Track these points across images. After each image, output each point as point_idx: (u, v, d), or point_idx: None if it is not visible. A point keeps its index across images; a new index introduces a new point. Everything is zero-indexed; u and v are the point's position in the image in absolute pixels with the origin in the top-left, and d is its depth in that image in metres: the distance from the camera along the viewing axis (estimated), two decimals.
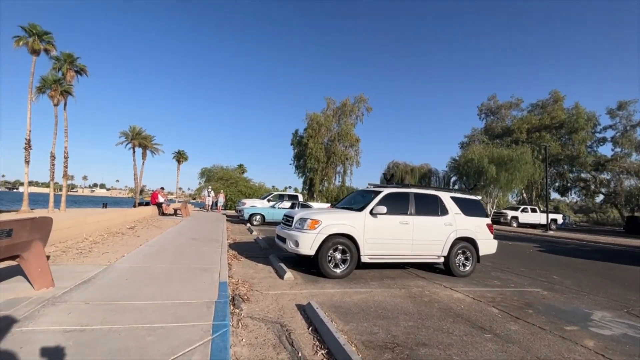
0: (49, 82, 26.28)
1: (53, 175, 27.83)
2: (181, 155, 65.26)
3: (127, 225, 9.98)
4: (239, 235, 10.70)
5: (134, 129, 48.18)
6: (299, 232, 5.66)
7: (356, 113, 36.65)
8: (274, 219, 14.50)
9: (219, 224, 13.06)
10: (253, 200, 17.91)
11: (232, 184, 30.14)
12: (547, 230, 20.51)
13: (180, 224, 11.84)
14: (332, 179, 36.36)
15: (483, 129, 40.67)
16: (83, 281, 3.99)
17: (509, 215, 25.29)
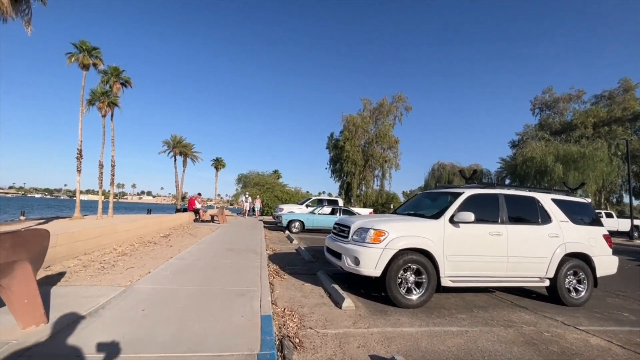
0: (97, 94, 27.62)
1: (101, 183, 29.10)
2: (219, 162, 67.18)
3: (162, 233, 9.37)
4: (279, 244, 9.67)
5: (175, 137, 50.11)
6: (359, 247, 4.40)
7: (394, 113, 34.83)
8: (314, 225, 13.37)
9: (256, 231, 12.18)
10: (290, 205, 16.98)
11: (268, 190, 29.67)
12: (632, 239, 17.33)
13: (217, 231, 11.09)
14: (370, 183, 34.74)
15: (537, 125, 36.81)
16: (88, 312, 3.05)
17: None
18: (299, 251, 8.26)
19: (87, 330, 2.68)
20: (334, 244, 5.09)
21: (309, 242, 10.56)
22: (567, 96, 36.34)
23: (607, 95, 33.91)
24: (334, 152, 35.38)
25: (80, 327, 2.74)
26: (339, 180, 36.28)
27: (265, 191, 29.87)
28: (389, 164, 34.53)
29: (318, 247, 9.18)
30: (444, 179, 24.06)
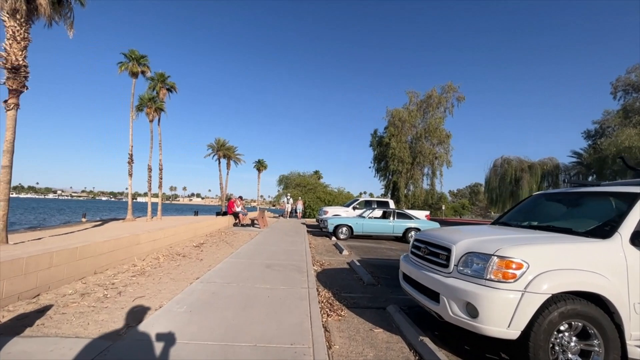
0: (145, 100, 28.53)
1: (150, 186, 30.10)
2: (261, 164, 67.98)
3: (195, 242, 8.33)
4: (326, 255, 8.14)
5: (218, 141, 51.31)
6: (475, 286, 2.64)
7: (444, 105, 31.74)
8: (364, 231, 11.66)
9: (299, 237, 10.79)
10: (335, 208, 15.46)
11: (309, 190, 28.51)
12: None
13: (256, 238, 9.88)
14: (419, 182, 32.00)
15: (620, 110, 31.28)
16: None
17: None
18: (352, 267, 6.64)
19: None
20: (419, 273, 3.36)
21: (362, 252, 8.90)
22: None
23: None
24: (379, 150, 33.23)
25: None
26: (384, 180, 34.05)
27: (306, 192, 28.73)
28: (439, 161, 31.55)
29: (375, 261, 7.48)
30: (509, 175, 20.84)
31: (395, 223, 11.75)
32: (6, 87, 10.78)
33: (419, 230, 11.80)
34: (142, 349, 2.52)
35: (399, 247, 10.65)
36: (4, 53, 10.64)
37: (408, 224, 11.80)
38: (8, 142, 10.71)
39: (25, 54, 11.03)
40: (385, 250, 9.72)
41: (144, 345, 2.57)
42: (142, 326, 2.94)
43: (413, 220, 11.93)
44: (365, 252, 8.89)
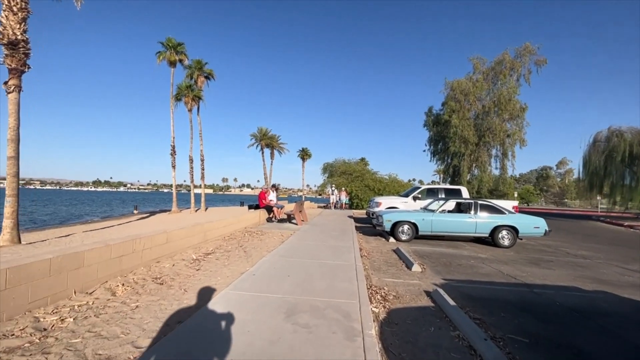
0: (183, 89, 27.71)
1: (192, 177, 29.61)
2: (305, 153, 66.46)
3: (202, 250, 6.06)
4: (387, 273, 5.34)
5: (261, 130, 50.39)
6: None
7: (519, 71, 26.30)
8: (434, 230, 8.57)
9: (345, 241, 8.10)
10: (390, 198, 12.42)
11: (356, 178, 25.57)
12: None
13: (287, 242, 7.40)
14: (486, 165, 27.22)
15: None
16: None
17: None
18: (440, 305, 3.74)
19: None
20: None
21: (440, 265, 5.92)
22: None
23: None
24: (435, 130, 28.96)
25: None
26: (442, 164, 29.77)
27: (353, 180, 25.83)
28: (511, 140, 26.41)
29: (472, 288, 4.47)
30: (620, 151, 15.68)
31: (479, 219, 8.45)
32: (5, 66, 9.41)
33: (514, 229, 8.37)
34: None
35: (488, 253, 7.43)
36: (0, 27, 9.24)
37: (497, 220, 8.42)
38: (12, 130, 9.37)
39: (24, 28, 9.54)
40: (473, 261, 6.60)
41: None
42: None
43: (505, 216, 8.50)
44: (445, 267, 5.89)
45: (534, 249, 8.55)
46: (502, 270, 5.82)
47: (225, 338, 2.52)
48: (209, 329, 2.67)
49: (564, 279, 5.38)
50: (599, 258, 7.58)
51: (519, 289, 4.62)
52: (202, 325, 2.73)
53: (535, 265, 6.39)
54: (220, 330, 2.66)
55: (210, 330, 2.65)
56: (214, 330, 2.66)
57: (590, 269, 6.33)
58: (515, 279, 5.20)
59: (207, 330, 2.66)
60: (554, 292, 4.54)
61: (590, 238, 11.47)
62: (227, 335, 2.57)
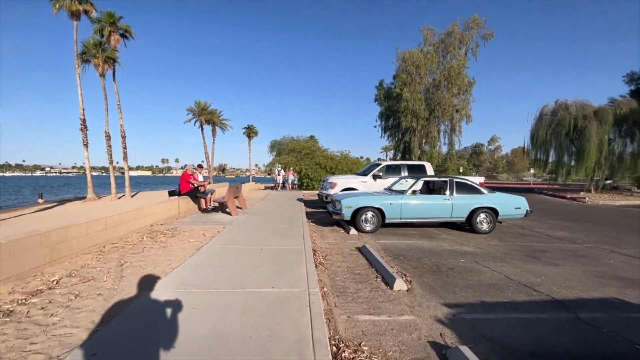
0: (90, 46, 22.32)
1: (111, 158, 24.76)
2: (251, 130, 62.25)
3: (34, 284, 3.46)
4: (356, 299, 3.39)
5: (199, 104, 45.20)
6: None
7: (467, 44, 25.92)
8: (405, 217, 6.89)
9: (293, 238, 6.01)
10: (346, 177, 10.56)
11: (306, 156, 23.47)
12: None
13: (206, 248, 5.07)
14: (436, 141, 27.00)
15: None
16: None
17: None
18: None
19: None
20: None
21: (427, 270, 4.14)
22: None
23: None
24: (387, 104, 27.80)
25: None
26: (393, 140, 29.01)
27: (302, 158, 23.72)
28: (460, 115, 26.36)
29: (494, 319, 2.65)
30: (566, 124, 15.78)
31: (455, 201, 6.95)
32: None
33: (494, 211, 7.04)
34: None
35: (471, 244, 5.95)
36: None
37: (475, 201, 7.01)
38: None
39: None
40: (463, 260, 4.99)
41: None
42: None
43: (483, 196, 7.12)
44: (436, 277, 4.13)
45: (512, 232, 7.39)
46: (507, 273, 4.26)
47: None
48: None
49: (586, 282, 3.97)
50: (584, 241, 6.62)
51: (560, 317, 2.99)
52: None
53: (536, 260, 5.00)
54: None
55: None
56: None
57: (593, 259, 5.15)
58: (537, 291, 3.62)
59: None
60: (607, 317, 3.00)
61: (549, 214, 10.99)
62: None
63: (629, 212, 11.90)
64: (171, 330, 2.33)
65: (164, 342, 2.15)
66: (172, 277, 3.47)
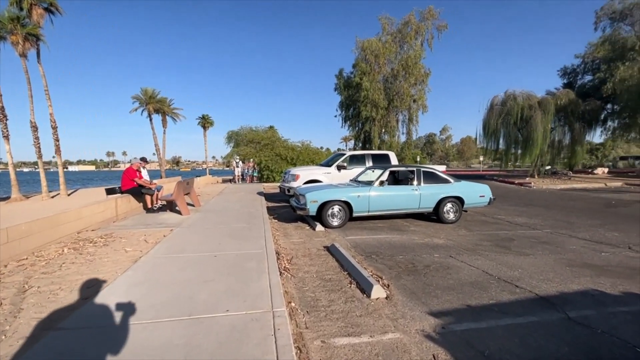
0: (5, 21, 19.05)
1: (40, 151, 21.73)
2: (206, 120, 58.92)
3: None
4: (330, 314, 2.89)
5: (146, 91, 41.57)
6: None
7: (423, 35, 26.36)
8: (373, 209, 6.54)
9: (253, 241, 5.36)
10: (310, 169, 10.00)
11: (265, 147, 22.48)
12: None
13: (146, 259, 4.27)
14: (395, 130, 27.41)
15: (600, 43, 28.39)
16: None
17: None
18: None
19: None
20: None
21: (403, 270, 3.75)
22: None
23: None
24: (347, 93, 27.54)
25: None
26: (354, 129, 28.98)
27: (262, 149, 22.71)
28: (417, 105, 26.96)
29: (487, 329, 2.27)
30: (514, 114, 16.78)
31: (423, 191, 6.73)
32: None
33: (460, 200, 6.96)
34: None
35: (441, 235, 5.76)
36: None
37: (442, 190, 6.87)
38: None
39: None
40: (437, 254, 4.73)
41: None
42: None
43: (450, 185, 7.00)
44: (413, 277, 3.77)
45: (475, 220, 7.42)
46: (484, 268, 4.03)
47: None
48: None
49: (561, 273, 3.87)
50: (542, 226, 6.80)
51: (552, 318, 2.75)
52: None
53: (507, 250, 4.89)
54: None
55: None
56: None
57: (557, 245, 5.20)
58: (519, 287, 3.40)
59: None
60: (595, 314, 2.82)
61: (504, 199, 11.45)
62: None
63: (570, 195, 12.85)
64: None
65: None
66: (91, 307, 2.67)
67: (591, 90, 23.40)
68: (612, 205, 10.04)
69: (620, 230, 6.37)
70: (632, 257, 4.60)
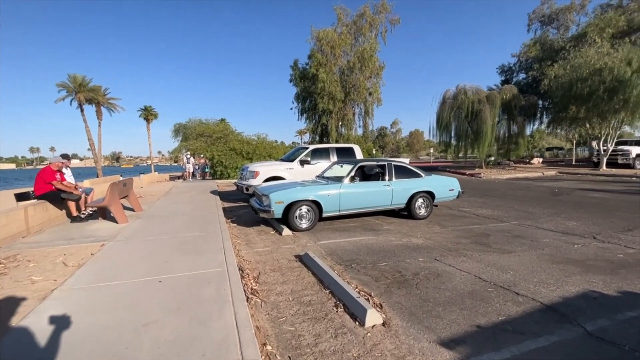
0: None
1: None
2: (149, 112, 54.05)
3: None
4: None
5: (75, 78, 36.65)
6: None
7: (377, 28, 26.47)
8: (344, 208, 5.99)
9: (208, 254, 4.50)
10: (270, 165, 9.14)
11: (218, 140, 20.90)
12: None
13: (53, 297, 3.19)
14: (352, 124, 27.34)
15: (538, 42, 31.12)
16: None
17: (631, 153, 17.51)
18: None
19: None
20: None
21: (392, 281, 3.22)
22: (567, 7, 30.77)
23: (615, 4, 28.90)
24: (303, 85, 26.71)
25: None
26: (311, 122, 28.35)
27: (214, 143, 21.10)
28: (372, 98, 27.14)
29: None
30: (465, 108, 17.57)
31: (396, 187, 6.35)
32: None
33: (431, 195, 6.72)
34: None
35: (417, 233, 5.41)
36: None
37: (414, 185, 6.57)
38: None
39: None
40: (421, 258, 4.31)
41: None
42: None
43: (421, 180, 6.72)
44: (405, 291, 3.27)
45: (444, 214, 7.27)
46: (474, 272, 3.69)
47: None
48: None
49: (551, 272, 3.67)
50: (507, 218, 6.85)
51: (572, 335, 2.40)
52: None
53: (487, 248, 4.66)
54: None
55: None
56: None
57: (532, 239, 5.13)
58: (520, 295, 3.06)
59: None
60: (610, 324, 2.55)
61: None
62: None
63: (518, 185, 13.66)
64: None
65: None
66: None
67: (525, 87, 25.47)
68: (556, 193, 10.73)
69: (575, 219, 6.61)
70: (603, 247, 4.63)
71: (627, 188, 11.53)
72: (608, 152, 17.40)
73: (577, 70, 15.47)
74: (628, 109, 15.04)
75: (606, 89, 14.52)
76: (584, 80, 15.00)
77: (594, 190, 11.05)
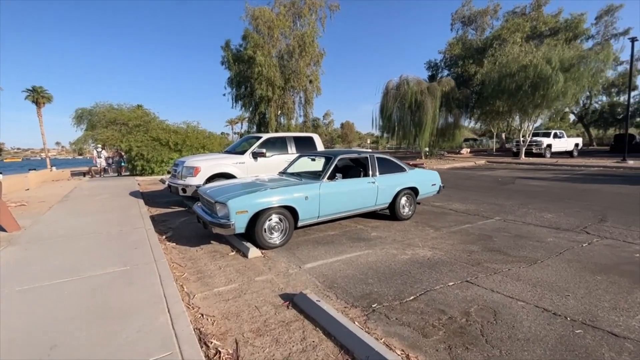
0: None
1: None
2: (39, 94, 44.62)
3: None
4: None
5: None
6: None
7: (317, 12, 25.27)
8: (324, 214, 4.71)
9: (136, 301, 2.78)
10: (213, 158, 7.18)
11: (136, 129, 17.45)
12: (625, 160, 15.24)
13: None
14: (292, 113, 25.88)
15: (460, 41, 33.71)
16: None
17: (544, 144, 19.79)
18: None
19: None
20: None
21: (455, 335, 2.11)
22: (483, 11, 33.93)
23: (520, 12, 32.76)
24: (237, 69, 24.15)
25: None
26: (247, 110, 26.04)
27: (130, 131, 17.59)
28: (312, 86, 26.04)
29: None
30: (408, 99, 17.69)
31: (380, 184, 5.31)
32: None
33: (414, 191, 5.88)
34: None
35: (416, 240, 4.47)
36: None
37: (399, 181, 5.63)
38: None
39: None
40: (450, 284, 3.32)
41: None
42: None
43: (405, 174, 5.83)
44: (459, 339, 2.17)
45: (427, 212, 6.57)
46: (527, 299, 2.81)
47: None
48: None
49: (605, 288, 3.01)
50: (485, 212, 6.44)
51: None
52: None
53: (508, 257, 3.91)
54: None
55: None
56: None
57: (537, 241, 4.61)
58: (615, 336, 2.24)
59: None
60: None
61: None
62: None
63: (462, 174, 14.07)
64: None
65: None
66: None
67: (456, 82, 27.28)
68: (502, 182, 11.10)
69: (545, 210, 6.49)
70: (609, 245, 4.29)
71: (554, 175, 12.63)
72: (527, 143, 19.47)
73: (506, 66, 16.70)
74: (545, 104, 16.84)
75: (530, 84, 15.95)
76: (511, 75, 16.27)
77: (531, 179, 11.77)
